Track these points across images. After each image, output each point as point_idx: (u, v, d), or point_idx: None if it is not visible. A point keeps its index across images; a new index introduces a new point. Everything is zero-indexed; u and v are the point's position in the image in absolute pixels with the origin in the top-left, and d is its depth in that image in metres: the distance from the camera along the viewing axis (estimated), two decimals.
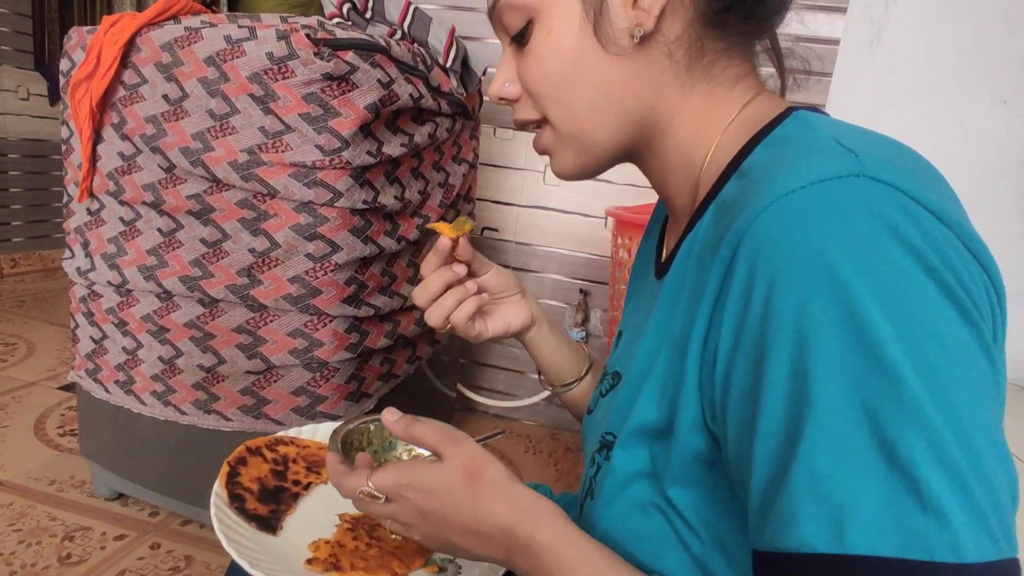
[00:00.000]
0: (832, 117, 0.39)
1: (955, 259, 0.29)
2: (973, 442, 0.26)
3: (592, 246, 1.76)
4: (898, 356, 0.26)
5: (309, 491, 0.58)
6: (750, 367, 0.30)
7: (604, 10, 0.40)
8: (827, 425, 0.27)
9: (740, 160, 0.39)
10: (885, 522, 0.25)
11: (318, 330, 0.99)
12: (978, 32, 1.62)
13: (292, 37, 0.90)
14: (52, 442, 1.49)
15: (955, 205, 0.32)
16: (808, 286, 0.28)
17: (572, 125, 0.44)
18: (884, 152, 0.32)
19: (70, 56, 1.07)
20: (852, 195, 0.29)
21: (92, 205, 1.09)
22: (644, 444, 0.40)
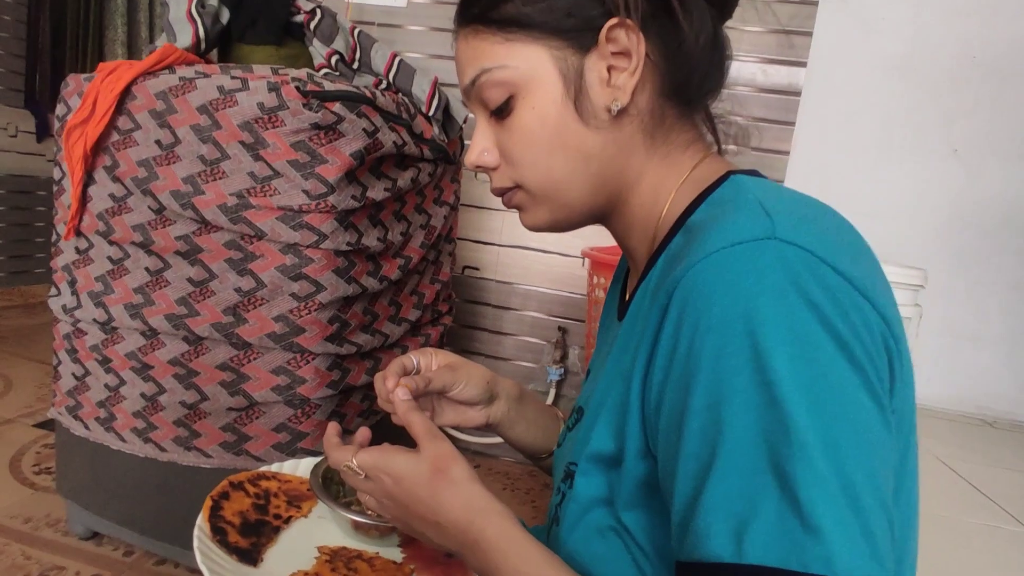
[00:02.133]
0: (764, 179, 0.45)
1: (852, 312, 0.33)
2: (849, 472, 0.30)
3: (570, 285, 1.82)
4: (791, 395, 0.31)
5: (290, 524, 0.60)
6: (676, 398, 0.35)
7: (584, 88, 0.45)
8: (734, 453, 0.31)
9: (687, 216, 0.44)
10: (774, 538, 0.30)
11: (301, 367, 1.02)
12: (929, 87, 1.73)
13: (282, 89, 0.95)
14: (27, 480, 1.48)
15: (862, 261, 0.37)
16: (724, 332, 0.33)
17: (549, 188, 0.48)
18: (798, 216, 0.37)
19: (66, 102, 1.12)
20: (764, 255, 0.34)
21: (81, 244, 1.12)
22: (601, 472, 0.44)
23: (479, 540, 0.43)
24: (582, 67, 0.45)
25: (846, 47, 1.74)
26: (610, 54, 0.45)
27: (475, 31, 0.48)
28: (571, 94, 0.45)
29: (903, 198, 1.78)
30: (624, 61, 0.45)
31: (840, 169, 1.78)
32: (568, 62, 0.45)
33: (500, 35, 0.46)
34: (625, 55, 0.45)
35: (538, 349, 1.89)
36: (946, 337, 1.83)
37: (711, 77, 0.49)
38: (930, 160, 1.76)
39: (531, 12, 0.45)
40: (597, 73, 0.45)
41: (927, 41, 1.72)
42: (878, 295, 0.35)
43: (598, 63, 0.45)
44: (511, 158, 0.49)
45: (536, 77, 0.46)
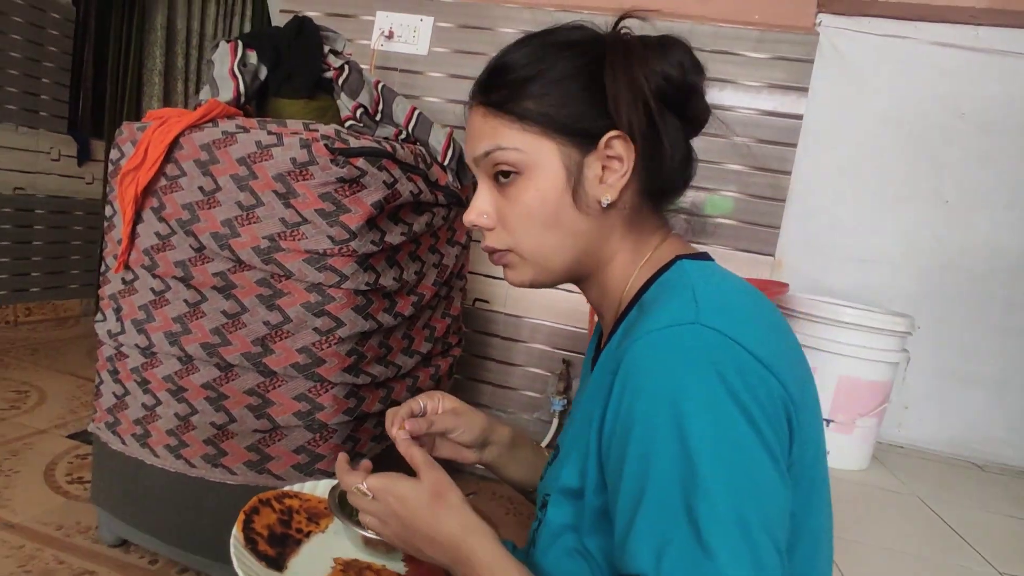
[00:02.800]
0: (705, 264, 0.55)
1: (757, 385, 0.43)
2: (743, 511, 0.40)
3: (573, 319, 1.91)
4: (700, 450, 0.41)
5: (310, 538, 0.70)
6: (619, 447, 0.45)
7: (582, 182, 0.55)
8: (657, 493, 0.41)
9: (641, 294, 0.54)
10: (683, 560, 0.39)
11: (320, 395, 1.12)
12: (920, 140, 1.82)
13: (313, 146, 1.07)
14: (60, 488, 1.59)
15: (771, 339, 0.47)
16: (653, 398, 0.43)
17: (538, 256, 0.58)
18: (720, 303, 0.47)
19: (120, 147, 1.25)
20: (688, 337, 0.44)
21: (128, 276, 1.24)
22: (569, 503, 0.53)
23: (470, 556, 0.51)
24: (582, 163, 0.55)
25: (841, 101, 1.84)
26: (606, 157, 0.55)
27: (494, 113, 0.56)
28: (570, 184, 0.55)
29: (897, 245, 1.86)
30: (617, 164, 0.55)
31: (835, 217, 1.87)
32: (571, 158, 0.55)
33: (517, 122, 0.55)
34: (618, 159, 0.55)
35: (544, 380, 1.98)
36: (937, 380, 1.89)
37: (680, 183, 0.59)
38: (922, 209, 1.84)
39: (548, 113, 0.54)
40: (594, 171, 0.55)
41: (918, 98, 1.81)
42: (782, 369, 0.45)
43: (595, 163, 0.55)
44: (508, 225, 0.57)
45: (542, 164, 0.55)
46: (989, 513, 1.45)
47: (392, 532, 0.57)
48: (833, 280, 1.89)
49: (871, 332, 1.53)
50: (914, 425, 1.90)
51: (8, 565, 1.27)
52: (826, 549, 0.52)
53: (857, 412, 1.55)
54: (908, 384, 1.87)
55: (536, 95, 0.54)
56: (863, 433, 1.58)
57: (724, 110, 1.81)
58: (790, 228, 1.85)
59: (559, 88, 0.53)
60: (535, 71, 0.54)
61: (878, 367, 1.55)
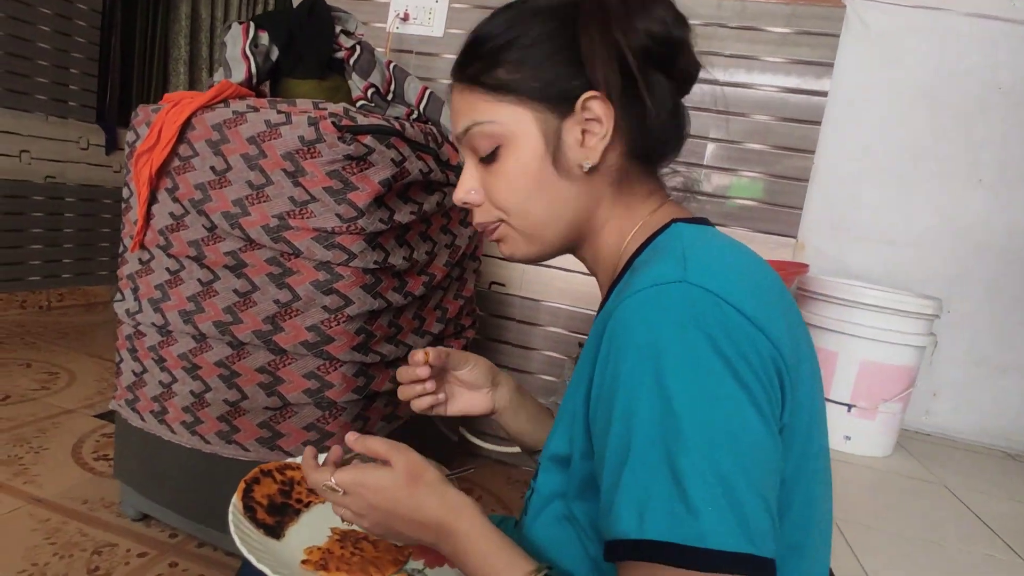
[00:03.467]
0: (701, 227, 0.53)
1: (744, 341, 0.41)
2: (724, 468, 0.38)
3: (591, 303, 1.89)
4: (683, 408, 0.39)
5: (309, 508, 0.70)
6: (605, 409, 0.43)
7: (561, 147, 0.53)
8: (640, 452, 0.40)
9: (635, 257, 0.52)
10: (666, 519, 0.38)
11: (329, 373, 1.13)
12: (954, 116, 1.75)
13: (320, 124, 1.06)
14: (87, 465, 1.63)
15: (762, 298, 0.45)
16: (636, 357, 0.41)
17: (528, 227, 0.56)
18: (709, 262, 0.45)
19: (136, 129, 1.26)
20: (673, 295, 0.42)
21: (144, 256, 1.26)
22: (558, 470, 0.52)
23: (455, 530, 0.50)
24: (560, 129, 0.53)
25: (868, 77, 1.77)
26: (584, 120, 0.53)
27: (470, 88, 0.55)
28: (550, 151, 0.53)
29: (927, 227, 1.79)
30: (596, 126, 0.53)
31: (861, 197, 1.81)
32: (548, 124, 0.53)
33: (492, 95, 0.54)
34: (597, 121, 0.53)
35: (560, 364, 1.96)
36: (969, 367, 1.82)
37: (670, 143, 0.57)
38: (955, 189, 1.77)
39: (519, 80, 0.53)
40: (573, 135, 0.53)
41: (951, 71, 1.73)
42: (773, 329, 0.43)
43: (574, 127, 0.53)
44: (495, 199, 0.56)
45: (520, 133, 0.53)
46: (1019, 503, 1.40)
47: (371, 523, 0.55)
48: (859, 263, 1.83)
49: (895, 314, 1.47)
50: (942, 412, 1.84)
51: (34, 537, 1.31)
52: (822, 520, 0.50)
53: (880, 397, 1.51)
54: (937, 370, 1.81)
55: (510, 63, 0.52)
56: (886, 419, 1.53)
57: (746, 88, 1.76)
58: (813, 209, 1.80)
59: (533, 54, 0.52)
60: (508, 39, 0.53)
61: (903, 351, 1.50)
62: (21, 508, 1.41)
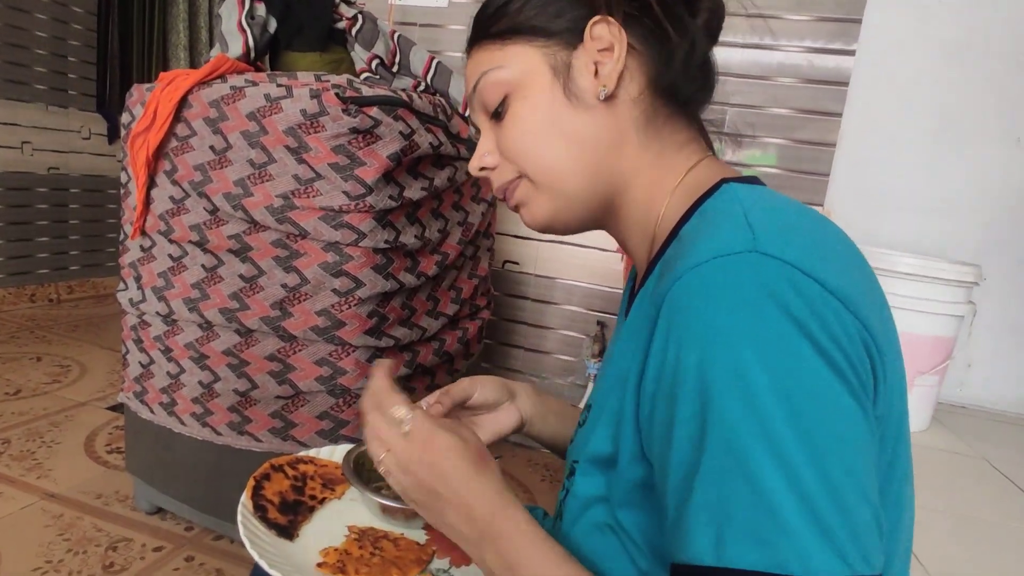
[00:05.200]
0: (758, 187, 0.45)
1: (832, 320, 0.34)
2: (830, 475, 0.31)
3: (609, 279, 1.83)
4: (769, 404, 0.32)
5: (324, 505, 0.65)
6: (666, 409, 0.36)
7: (572, 77, 0.48)
8: (715, 462, 0.33)
9: (680, 225, 0.45)
10: (750, 541, 0.31)
11: (342, 359, 1.08)
12: (989, 73, 1.65)
13: (323, 96, 1.00)
14: (100, 459, 1.61)
15: (847, 272, 0.38)
16: (706, 345, 0.34)
17: (548, 175, 0.49)
18: (781, 229, 0.38)
19: (130, 110, 1.21)
20: (744, 269, 0.35)
21: (145, 243, 1.21)
22: (600, 472, 0.46)
23: (503, 532, 0.43)
24: (570, 61, 0.48)
25: (898, 33, 1.68)
26: (596, 51, 0.48)
27: (479, 47, 0.52)
28: (560, 83, 0.48)
29: (960, 191, 1.71)
30: (609, 56, 0.47)
31: (891, 162, 1.72)
32: (557, 58, 0.48)
33: (498, 43, 0.50)
34: (609, 50, 0.47)
35: (578, 343, 1.91)
36: (1005, 336, 1.74)
37: (698, 82, 0.50)
38: (990, 149, 1.68)
39: (522, 19, 0.49)
40: (585, 67, 0.48)
41: (986, 24, 1.63)
42: (861, 305, 0.36)
43: (585, 59, 0.48)
44: (509, 152, 0.51)
45: (529, 73, 0.49)
46: None
47: (413, 483, 0.46)
48: (889, 231, 1.75)
49: (932, 283, 1.40)
50: (978, 384, 1.77)
51: (48, 533, 1.29)
52: (908, 524, 0.44)
53: (916, 370, 1.44)
54: (972, 341, 1.74)
55: (515, 10, 0.49)
56: (923, 392, 1.47)
57: (769, 49, 1.67)
58: (840, 176, 1.71)
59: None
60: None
61: (940, 321, 1.43)
62: (35, 504, 1.38)
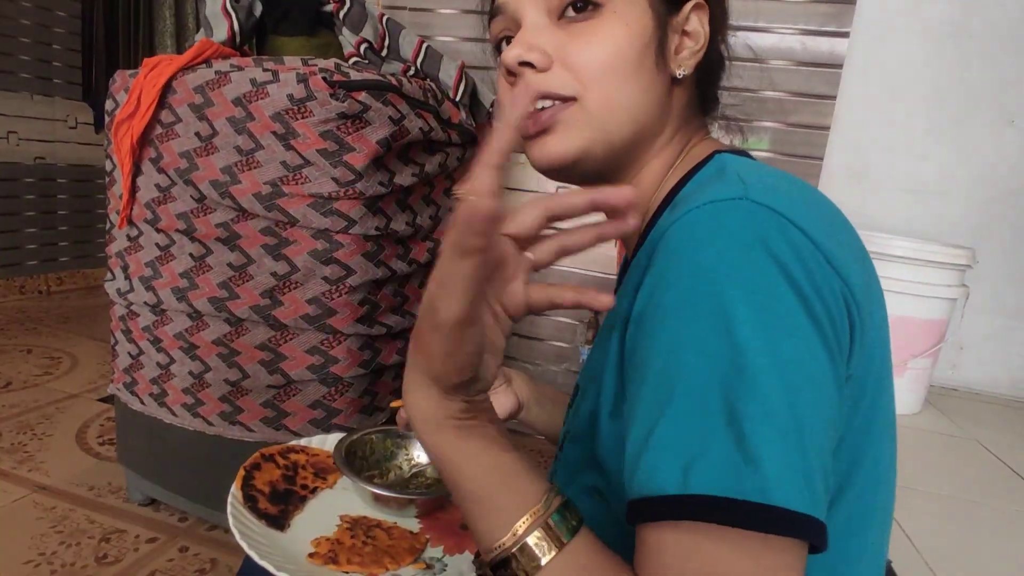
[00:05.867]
0: (749, 159, 0.46)
1: (815, 270, 0.34)
2: (800, 412, 0.31)
3: (602, 265, 1.82)
4: (749, 339, 0.32)
5: (316, 494, 0.64)
6: (645, 343, 0.36)
7: (667, 43, 0.47)
8: (689, 392, 0.32)
9: (675, 194, 0.45)
10: (718, 470, 0.31)
11: (333, 347, 1.07)
12: (983, 53, 1.64)
13: (310, 80, 0.98)
14: (92, 450, 1.60)
15: (833, 233, 0.38)
16: (691, 281, 0.34)
17: (607, 111, 0.46)
18: (773, 184, 0.38)
19: (114, 97, 1.18)
20: (734, 212, 0.35)
21: (132, 232, 1.19)
22: (589, 437, 0.45)
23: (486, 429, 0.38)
24: (668, 25, 0.47)
25: (892, 15, 1.66)
26: (683, 31, 0.48)
27: None
28: (657, 36, 0.46)
29: (953, 173, 1.70)
30: (690, 41, 0.48)
31: (884, 145, 1.72)
32: (660, 13, 0.47)
33: None
34: (692, 37, 0.48)
35: (571, 329, 1.90)
36: (999, 318, 1.75)
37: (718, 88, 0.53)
38: (984, 131, 1.67)
39: None
40: (674, 38, 0.48)
41: (979, 5, 1.62)
42: (844, 264, 0.36)
43: (675, 29, 0.48)
44: (584, 65, 0.45)
45: (633, 5, 0.45)
46: None
47: None
48: (883, 214, 1.75)
49: (925, 266, 1.40)
50: (971, 367, 1.78)
51: (40, 526, 1.28)
52: (886, 490, 0.44)
53: (909, 353, 1.44)
54: (964, 323, 1.74)
55: None
56: (916, 375, 1.47)
57: (761, 31, 1.66)
58: (834, 159, 1.71)
59: None
60: None
61: (933, 304, 1.43)
62: (27, 496, 1.37)
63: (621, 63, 0.45)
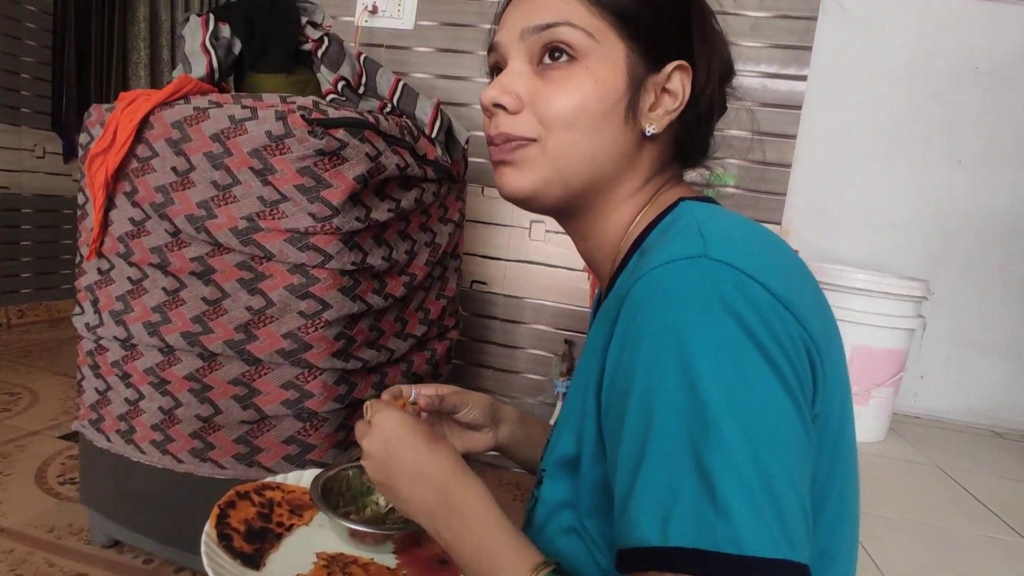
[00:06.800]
0: (711, 205, 0.49)
1: (774, 321, 0.37)
2: (764, 462, 0.33)
3: (575, 298, 1.85)
4: (712, 395, 0.34)
5: (292, 532, 0.64)
6: (619, 401, 0.39)
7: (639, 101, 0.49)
8: (661, 449, 0.35)
9: (641, 240, 0.48)
10: (692, 522, 0.33)
11: (309, 382, 1.06)
12: (931, 97, 1.74)
13: (289, 117, 1.00)
14: (52, 490, 1.54)
15: (789, 277, 0.41)
16: (656, 341, 0.37)
17: (563, 157, 0.49)
18: (729, 237, 0.41)
19: (89, 131, 1.18)
20: (693, 272, 0.38)
21: (103, 265, 1.18)
22: (566, 476, 0.47)
23: (459, 503, 0.47)
24: (645, 81, 0.49)
25: (847, 60, 1.76)
26: (662, 88, 0.50)
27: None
28: (628, 95, 0.49)
29: (908, 208, 1.79)
30: (669, 99, 0.50)
31: (843, 182, 1.80)
32: (636, 69, 0.49)
33: (595, 10, 0.48)
34: (672, 95, 0.50)
35: (546, 362, 1.92)
36: (955, 347, 1.82)
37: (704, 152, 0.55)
38: (935, 170, 1.77)
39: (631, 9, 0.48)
40: (650, 94, 0.50)
41: (929, 51, 1.73)
42: (801, 308, 0.39)
43: (652, 88, 0.50)
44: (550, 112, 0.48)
45: (609, 62, 0.48)
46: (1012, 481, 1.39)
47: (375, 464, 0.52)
48: (843, 247, 1.82)
49: (885, 298, 1.46)
50: (930, 395, 1.84)
51: None
52: (852, 522, 0.46)
53: (873, 382, 1.49)
54: (923, 353, 1.81)
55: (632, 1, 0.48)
56: (879, 404, 1.52)
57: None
58: (797, 195, 1.78)
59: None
60: None
61: (893, 334, 1.49)
62: None
63: (584, 116, 0.48)
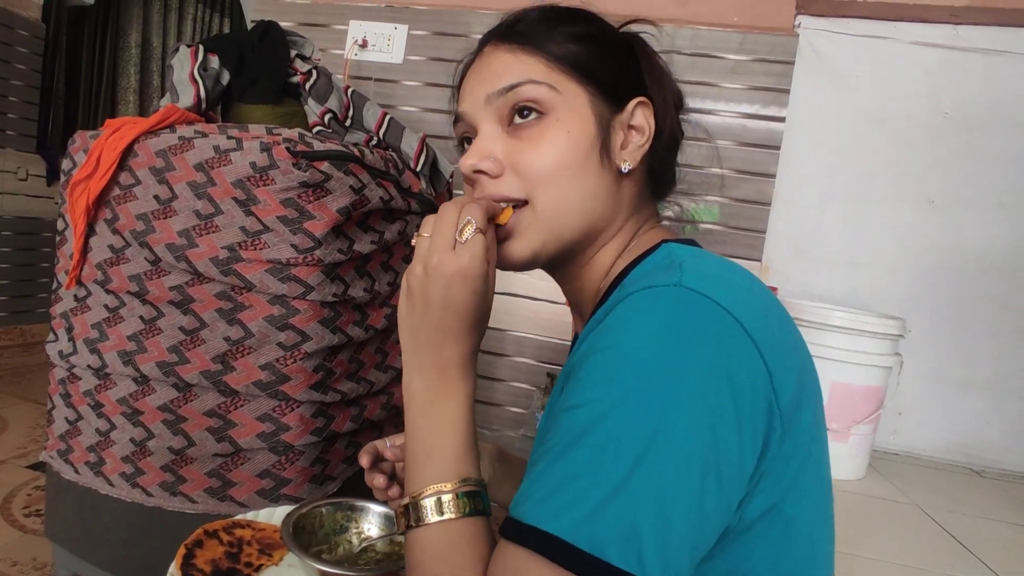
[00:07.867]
0: (694, 247, 0.50)
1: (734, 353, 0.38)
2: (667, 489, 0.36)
3: (558, 331, 1.85)
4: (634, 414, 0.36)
5: (260, 572, 0.62)
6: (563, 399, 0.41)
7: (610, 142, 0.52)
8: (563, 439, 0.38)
9: (623, 277, 0.49)
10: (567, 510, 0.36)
11: (286, 415, 1.05)
12: (904, 139, 1.80)
13: (274, 149, 1.01)
14: (17, 522, 1.49)
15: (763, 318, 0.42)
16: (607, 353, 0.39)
17: (556, 213, 0.50)
18: (708, 272, 0.43)
19: (72, 157, 1.18)
20: (666, 297, 0.40)
21: (79, 292, 1.16)
22: None
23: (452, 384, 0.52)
24: (611, 122, 0.52)
25: (823, 102, 1.81)
26: (628, 126, 0.52)
27: (525, 50, 0.51)
28: (600, 139, 0.51)
29: (885, 247, 1.82)
30: (636, 135, 0.53)
31: (821, 220, 1.83)
32: (602, 113, 0.51)
33: (554, 64, 0.50)
34: (639, 130, 0.53)
35: (528, 395, 1.91)
36: (931, 384, 1.84)
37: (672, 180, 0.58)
38: (909, 211, 1.81)
39: (587, 59, 0.51)
40: (619, 133, 0.52)
41: (900, 97, 1.79)
42: (772, 351, 0.40)
43: (619, 127, 0.52)
44: (526, 171, 0.49)
45: (576, 110, 0.50)
46: (991, 520, 1.40)
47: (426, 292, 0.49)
48: (822, 284, 1.85)
49: (862, 336, 1.48)
50: (909, 431, 1.85)
51: None
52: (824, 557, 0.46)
53: (852, 419, 1.50)
54: (902, 390, 1.82)
55: (576, 38, 0.51)
56: (859, 441, 1.53)
57: (706, 114, 1.78)
58: (776, 232, 1.81)
59: (606, 43, 0.53)
60: (575, 18, 0.52)
61: (871, 372, 1.51)
62: None
63: (566, 167, 0.49)
